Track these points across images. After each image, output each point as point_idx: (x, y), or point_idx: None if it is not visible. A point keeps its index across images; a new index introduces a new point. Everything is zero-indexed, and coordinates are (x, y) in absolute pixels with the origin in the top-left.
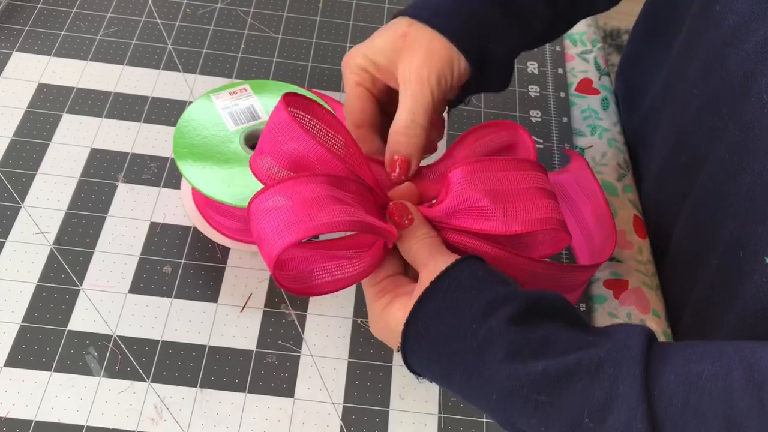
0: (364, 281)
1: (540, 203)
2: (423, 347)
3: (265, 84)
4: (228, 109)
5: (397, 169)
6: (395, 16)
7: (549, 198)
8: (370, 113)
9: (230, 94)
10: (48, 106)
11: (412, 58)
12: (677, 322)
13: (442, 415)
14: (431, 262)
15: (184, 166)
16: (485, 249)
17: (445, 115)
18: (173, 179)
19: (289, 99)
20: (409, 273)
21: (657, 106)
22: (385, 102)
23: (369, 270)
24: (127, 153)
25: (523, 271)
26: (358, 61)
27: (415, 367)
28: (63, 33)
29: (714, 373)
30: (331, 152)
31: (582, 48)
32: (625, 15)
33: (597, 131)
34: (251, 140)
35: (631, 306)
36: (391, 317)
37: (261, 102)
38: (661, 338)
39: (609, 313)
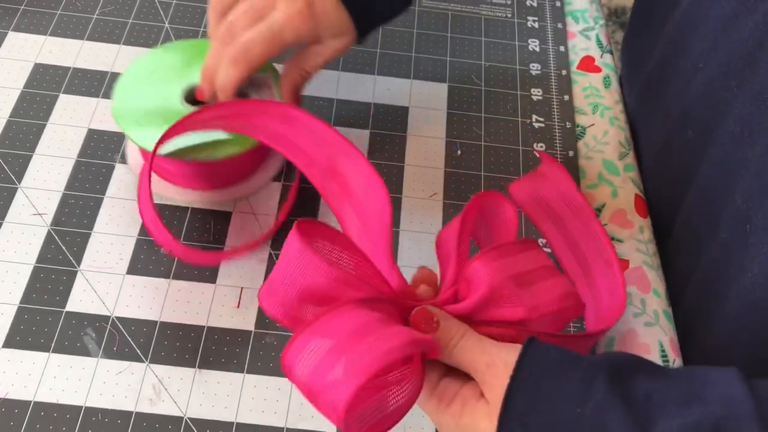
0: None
1: (555, 281)
2: None
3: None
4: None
5: None
6: None
7: (558, 274)
8: None
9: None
10: (44, 86)
11: None
12: (680, 299)
13: None
14: (488, 358)
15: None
16: (512, 334)
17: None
18: None
19: (301, 226)
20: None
21: (656, 81)
22: None
23: (420, 384)
24: (123, 134)
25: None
26: None
27: None
28: (59, 12)
29: None
30: (351, 274)
31: (584, 25)
32: None
33: (599, 109)
34: (191, 96)
35: (632, 285)
36: (472, 428)
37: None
38: (662, 317)
39: None
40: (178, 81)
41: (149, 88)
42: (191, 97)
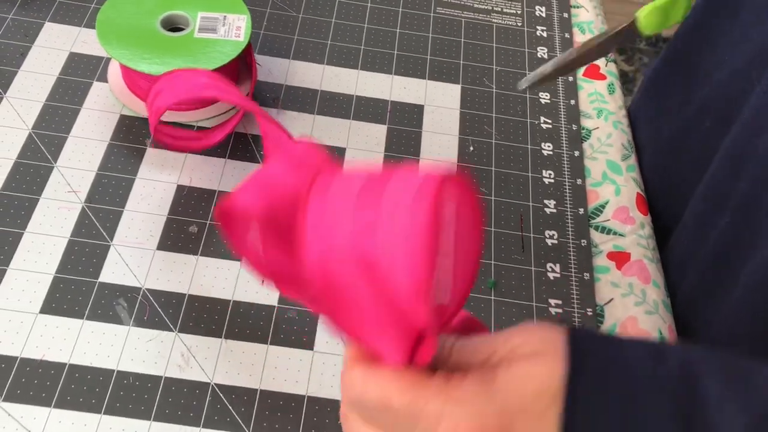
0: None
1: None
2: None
3: None
4: None
5: None
6: None
7: None
8: None
9: None
10: (79, 74)
11: None
12: (679, 286)
13: None
14: (509, 333)
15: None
16: None
17: None
18: None
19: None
20: None
21: (668, 77)
22: None
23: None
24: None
25: None
26: None
27: None
28: (93, 6)
29: None
30: None
31: (590, 36)
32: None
33: (603, 113)
34: (168, 24)
35: (633, 276)
36: (518, 383)
37: None
38: (661, 307)
39: (611, 283)
40: (158, 9)
41: (131, 14)
42: (168, 24)
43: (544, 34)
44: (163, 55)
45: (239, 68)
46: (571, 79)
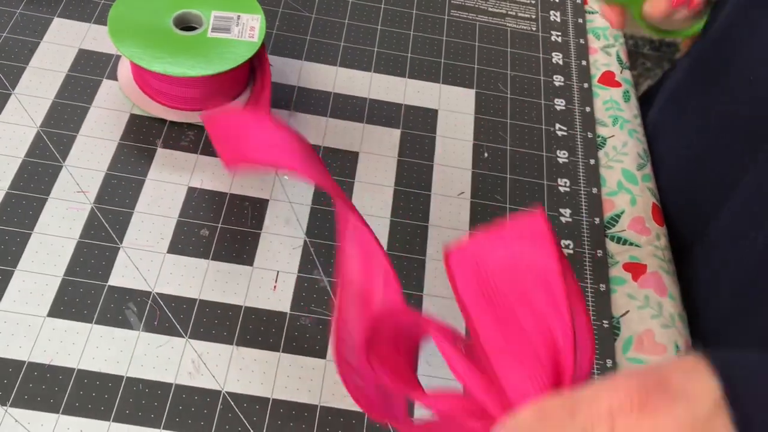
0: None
1: None
2: None
3: None
4: None
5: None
6: None
7: None
8: None
9: None
10: (88, 72)
11: None
12: (708, 305)
13: None
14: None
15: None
16: None
17: None
18: (210, 147)
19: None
20: None
21: (689, 91)
22: None
23: None
24: (166, 120)
25: None
26: None
27: None
28: (102, 2)
29: None
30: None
31: (605, 42)
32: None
33: (618, 122)
34: (181, 23)
35: (650, 289)
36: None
37: None
38: (677, 321)
39: (627, 294)
40: (171, 8)
41: (143, 12)
42: (180, 23)
43: (559, 40)
44: (175, 54)
45: (251, 69)
46: (586, 85)
